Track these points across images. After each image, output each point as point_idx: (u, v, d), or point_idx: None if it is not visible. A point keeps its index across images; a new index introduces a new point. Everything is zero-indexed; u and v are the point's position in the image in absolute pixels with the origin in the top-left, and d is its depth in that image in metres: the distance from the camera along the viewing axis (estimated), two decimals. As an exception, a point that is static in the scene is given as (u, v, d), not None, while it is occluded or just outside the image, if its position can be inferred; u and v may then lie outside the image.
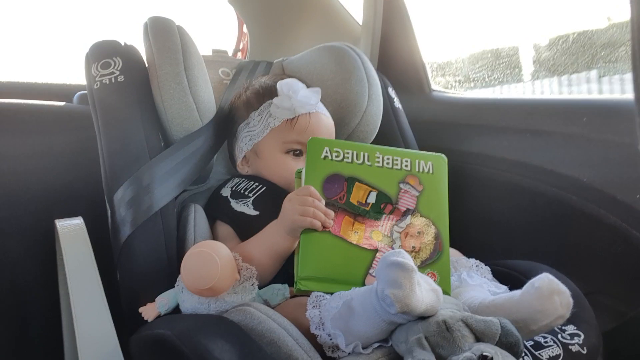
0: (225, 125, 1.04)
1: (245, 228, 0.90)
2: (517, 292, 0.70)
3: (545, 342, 0.74)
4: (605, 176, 1.04)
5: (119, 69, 0.94)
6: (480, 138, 1.28)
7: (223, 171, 1.14)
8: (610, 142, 1.04)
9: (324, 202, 0.76)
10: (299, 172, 0.83)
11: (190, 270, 0.70)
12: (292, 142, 0.96)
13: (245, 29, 1.88)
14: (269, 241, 0.81)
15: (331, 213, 0.76)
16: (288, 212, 0.77)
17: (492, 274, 0.89)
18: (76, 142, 1.11)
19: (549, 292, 0.67)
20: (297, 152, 0.98)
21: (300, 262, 0.74)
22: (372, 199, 0.78)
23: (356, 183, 0.78)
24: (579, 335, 0.76)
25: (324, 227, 0.75)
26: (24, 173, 1.06)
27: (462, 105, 1.37)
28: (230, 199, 0.94)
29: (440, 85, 1.56)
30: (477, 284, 0.80)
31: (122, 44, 1.00)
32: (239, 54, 1.94)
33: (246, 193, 0.94)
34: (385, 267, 0.59)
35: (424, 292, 0.59)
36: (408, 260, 0.58)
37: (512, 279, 0.89)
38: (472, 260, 0.87)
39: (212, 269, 0.69)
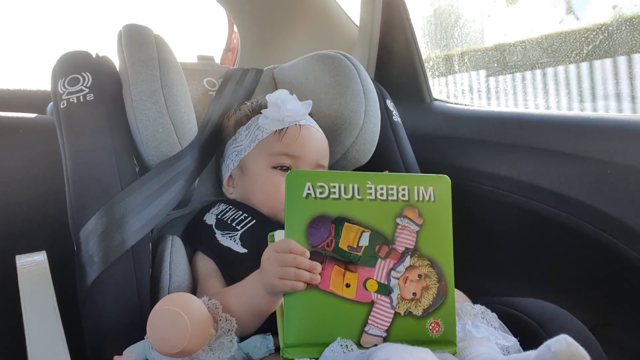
0: (210, 146, 0.95)
1: (231, 266, 0.81)
2: (530, 355, 0.62)
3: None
4: (618, 202, 0.96)
5: (88, 85, 0.85)
6: (485, 154, 1.19)
7: (208, 192, 1.05)
8: (625, 166, 0.96)
9: (308, 254, 0.66)
10: (271, 236, 0.73)
11: (156, 331, 0.61)
12: (280, 154, 0.89)
13: (235, 28, 1.79)
14: (250, 295, 0.71)
15: (317, 266, 0.65)
16: (267, 273, 0.67)
17: (498, 316, 0.81)
18: (47, 160, 1.01)
19: (567, 359, 0.58)
20: (285, 168, 0.90)
21: (285, 328, 0.65)
22: (364, 241, 0.68)
23: (345, 224, 0.68)
24: None
25: (311, 284, 0.65)
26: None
27: (467, 117, 1.28)
28: (216, 230, 0.86)
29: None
30: (483, 336, 0.72)
31: (94, 56, 0.91)
32: (229, 55, 1.85)
33: (233, 225, 0.86)
34: None
35: None
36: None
37: (521, 322, 0.82)
38: (478, 307, 0.78)
39: (182, 332, 0.60)
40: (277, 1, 1.59)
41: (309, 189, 0.67)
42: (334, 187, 0.68)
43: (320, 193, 0.68)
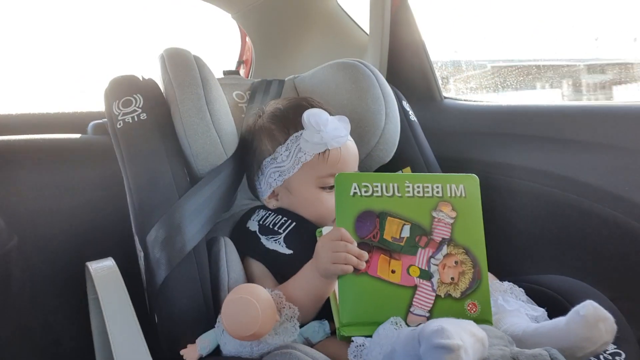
0: (246, 154, 1.03)
1: (280, 267, 0.89)
2: (561, 320, 0.71)
3: (590, 364, 0.74)
4: (632, 184, 1.04)
5: (140, 106, 0.94)
6: (498, 146, 1.28)
7: (243, 196, 1.13)
8: (631, 149, 1.05)
9: (356, 243, 0.75)
10: (319, 232, 0.82)
11: (231, 317, 0.70)
12: (326, 175, 0.93)
13: (248, 40, 1.87)
14: (308, 283, 0.81)
15: (365, 254, 0.75)
16: (321, 258, 0.77)
17: (525, 292, 0.89)
18: (97, 176, 1.10)
19: (595, 320, 0.67)
20: (331, 187, 0.94)
21: (341, 309, 0.74)
22: (406, 232, 0.77)
23: (388, 218, 0.77)
24: (619, 355, 0.77)
25: (358, 269, 0.75)
26: (48, 211, 1.06)
27: (476, 113, 1.37)
28: (260, 235, 0.93)
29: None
30: (514, 308, 0.81)
31: (141, 79, 0.99)
32: (243, 67, 1.93)
33: (276, 229, 0.93)
34: (430, 350, 0.57)
35: (470, 353, 0.58)
36: (452, 338, 0.56)
37: (547, 297, 0.90)
38: (506, 284, 0.87)
39: (253, 316, 0.69)
40: (289, 14, 1.68)
41: (355, 189, 0.78)
42: (377, 186, 0.78)
43: (365, 192, 0.78)
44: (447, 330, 0.57)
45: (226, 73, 1.31)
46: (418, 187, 0.80)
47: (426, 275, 0.77)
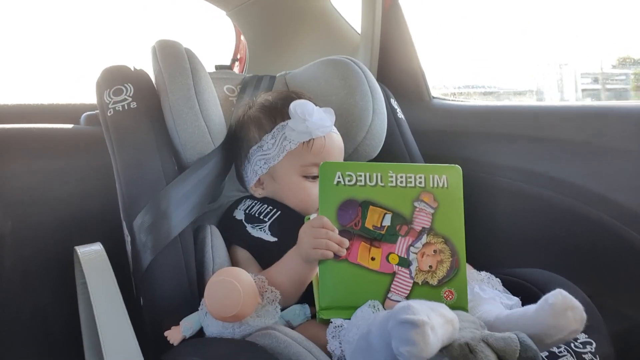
0: (235, 143, 1.06)
1: (264, 254, 0.92)
2: (531, 308, 0.73)
3: (560, 352, 0.77)
4: (610, 182, 1.07)
5: (130, 95, 0.96)
6: (483, 145, 1.30)
7: (232, 188, 1.15)
8: (614, 149, 1.08)
9: (337, 231, 0.77)
10: (307, 218, 0.84)
11: (213, 299, 0.72)
12: (310, 164, 0.96)
13: (243, 38, 1.90)
14: (291, 268, 0.83)
15: (345, 242, 0.77)
16: (302, 244, 0.80)
17: (502, 284, 0.92)
18: (88, 166, 1.12)
19: (563, 309, 0.69)
20: (315, 176, 0.97)
21: (321, 293, 0.76)
22: (387, 221, 0.79)
23: (370, 207, 0.79)
24: (590, 344, 0.80)
25: (338, 255, 0.77)
26: (40, 199, 1.08)
27: (464, 112, 1.40)
28: (246, 223, 0.96)
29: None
30: (489, 297, 0.83)
31: (132, 69, 1.01)
32: (237, 64, 1.96)
33: (261, 217, 0.96)
34: (397, 326, 0.59)
35: (439, 332, 0.59)
36: (418, 314, 0.58)
37: (523, 288, 0.93)
38: (483, 274, 0.90)
39: (235, 297, 0.71)
40: (282, 13, 1.71)
41: (339, 178, 0.80)
42: (360, 175, 0.80)
43: (349, 181, 0.80)
44: (413, 307, 0.59)
45: (218, 67, 1.34)
46: (401, 177, 0.81)
47: (405, 263, 0.79)
